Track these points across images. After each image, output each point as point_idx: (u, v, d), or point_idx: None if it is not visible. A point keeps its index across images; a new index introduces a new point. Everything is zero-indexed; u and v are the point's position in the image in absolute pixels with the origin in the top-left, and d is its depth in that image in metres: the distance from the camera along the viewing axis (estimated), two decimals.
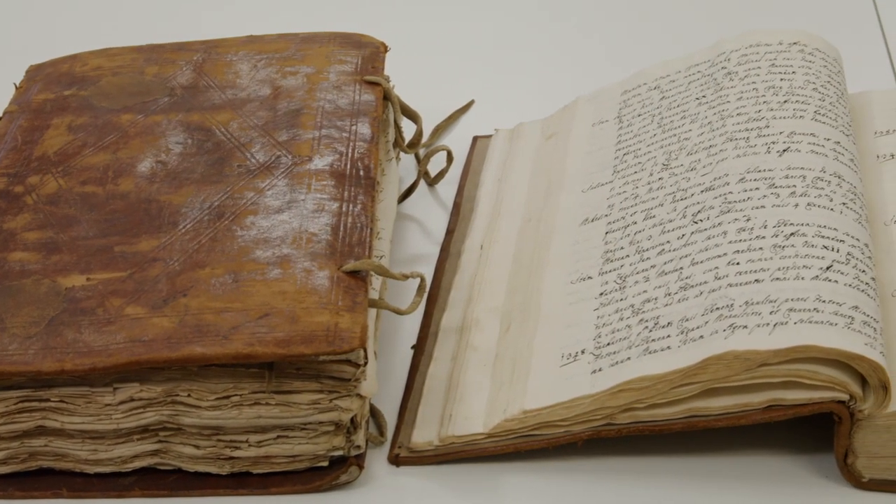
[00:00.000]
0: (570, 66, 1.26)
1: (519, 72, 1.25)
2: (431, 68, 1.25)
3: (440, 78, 1.24)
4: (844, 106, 1.00)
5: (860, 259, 0.86)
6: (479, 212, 1.05)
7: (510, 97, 1.21)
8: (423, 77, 1.22)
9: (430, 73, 1.24)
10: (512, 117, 1.14)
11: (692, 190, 0.94)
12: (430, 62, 1.26)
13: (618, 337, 0.85)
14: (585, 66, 1.25)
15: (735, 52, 1.05)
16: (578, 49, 1.29)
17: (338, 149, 0.95)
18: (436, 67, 1.26)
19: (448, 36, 1.32)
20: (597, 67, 1.24)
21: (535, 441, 0.84)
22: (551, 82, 1.23)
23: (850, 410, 0.81)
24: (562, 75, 1.24)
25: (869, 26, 1.30)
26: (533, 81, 1.24)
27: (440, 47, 1.30)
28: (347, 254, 0.86)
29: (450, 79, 1.24)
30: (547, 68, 1.26)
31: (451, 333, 0.94)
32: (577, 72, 1.24)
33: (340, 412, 0.81)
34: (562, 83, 1.19)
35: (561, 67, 1.26)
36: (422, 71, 1.23)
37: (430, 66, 1.26)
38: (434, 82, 1.23)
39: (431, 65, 1.26)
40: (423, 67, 1.24)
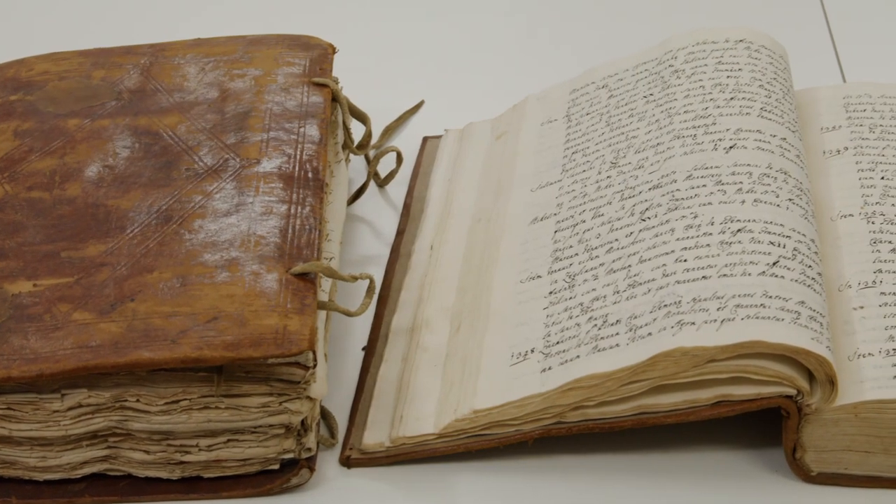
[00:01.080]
0: (519, 65, 1.26)
1: (468, 72, 1.26)
2: (381, 69, 1.25)
3: (390, 79, 1.24)
4: (790, 102, 1.01)
5: (806, 254, 0.86)
6: (429, 212, 1.05)
7: (460, 97, 1.21)
8: (373, 78, 1.22)
9: (380, 74, 1.24)
10: (462, 117, 1.15)
11: (640, 188, 0.94)
12: (379, 63, 1.26)
13: (567, 335, 0.85)
14: (535, 66, 1.26)
15: (682, 50, 1.06)
16: (528, 48, 1.30)
17: (286, 151, 0.95)
18: (385, 68, 1.26)
19: (397, 37, 1.32)
20: (546, 66, 1.24)
21: (485, 440, 0.85)
22: (501, 82, 1.23)
23: (798, 405, 0.81)
24: (511, 75, 1.24)
25: (815, 23, 1.31)
26: (482, 81, 1.24)
27: (390, 48, 1.30)
28: (296, 256, 0.86)
29: (400, 79, 1.24)
30: (496, 68, 1.26)
31: (401, 334, 0.94)
32: (526, 71, 1.24)
33: (290, 415, 0.81)
34: (511, 82, 1.19)
35: (510, 67, 1.26)
36: (371, 72, 1.23)
37: (379, 67, 1.26)
38: (384, 83, 1.22)
39: (381, 66, 1.26)
40: (372, 68, 1.24)
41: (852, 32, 1.30)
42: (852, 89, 1.06)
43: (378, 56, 1.28)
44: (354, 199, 1.07)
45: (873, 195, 0.95)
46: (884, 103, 1.04)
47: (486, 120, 1.13)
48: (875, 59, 1.25)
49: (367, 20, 1.35)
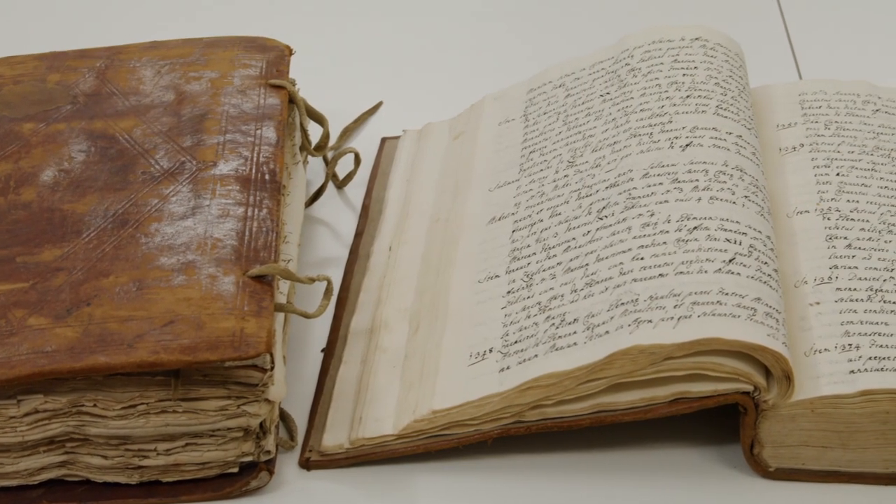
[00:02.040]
0: (477, 65, 1.27)
1: (426, 72, 1.26)
2: (339, 70, 1.25)
3: (348, 80, 1.24)
4: (746, 100, 1.01)
5: (762, 251, 0.87)
6: (387, 213, 1.05)
7: (418, 98, 1.21)
8: (331, 79, 1.22)
9: (338, 75, 1.24)
10: (420, 118, 1.15)
11: (597, 186, 0.94)
12: (337, 64, 1.26)
13: (525, 335, 0.86)
14: (492, 65, 1.26)
15: (638, 48, 1.06)
16: (485, 48, 1.30)
17: (243, 153, 0.95)
18: (343, 69, 1.26)
19: (355, 38, 1.31)
20: (503, 66, 1.24)
21: (445, 441, 0.85)
22: (459, 82, 1.23)
23: (755, 401, 0.82)
24: (469, 75, 1.24)
25: (772, 20, 1.32)
26: (440, 82, 1.24)
27: (348, 49, 1.29)
28: (253, 258, 0.86)
29: (358, 81, 1.24)
30: (454, 68, 1.26)
31: (360, 336, 0.94)
32: (484, 71, 1.24)
33: (249, 418, 0.81)
34: (469, 82, 1.19)
35: (468, 67, 1.26)
36: (329, 73, 1.23)
37: (337, 68, 1.26)
38: (342, 84, 1.22)
39: (339, 67, 1.26)
40: (330, 70, 1.24)
41: (808, 29, 1.30)
42: (808, 86, 1.07)
43: (336, 57, 1.27)
44: (313, 200, 1.07)
45: (829, 191, 0.95)
46: (839, 100, 1.04)
47: (444, 120, 1.13)
48: (831, 56, 1.26)
49: (325, 21, 1.35)
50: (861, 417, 0.82)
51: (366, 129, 1.18)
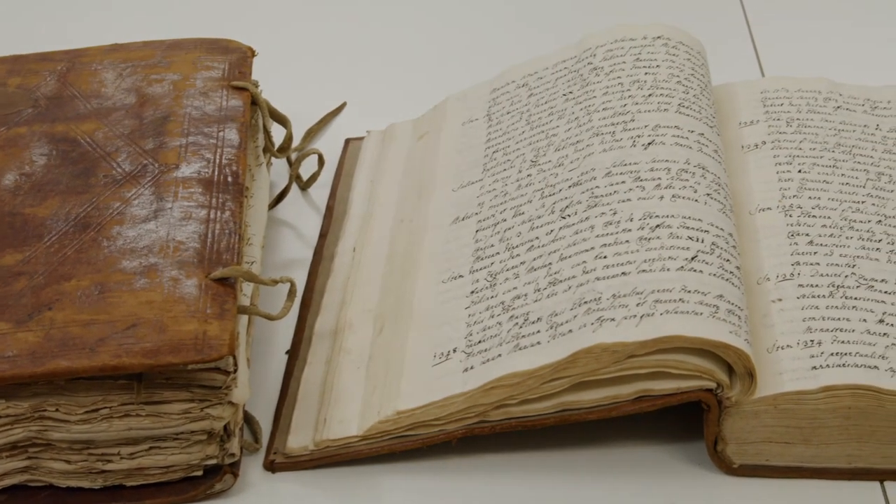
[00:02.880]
0: (440, 65, 1.26)
1: (390, 73, 1.25)
2: (303, 72, 1.25)
3: (312, 81, 1.24)
4: (708, 98, 1.01)
5: (724, 248, 0.87)
6: (351, 214, 1.05)
7: (382, 98, 1.21)
8: (295, 81, 1.22)
9: (302, 76, 1.24)
10: (384, 118, 1.14)
11: (560, 185, 0.94)
12: (301, 66, 1.26)
13: (489, 334, 0.86)
14: (456, 65, 1.26)
15: (601, 47, 1.06)
16: (449, 48, 1.30)
17: (205, 156, 0.94)
18: (307, 71, 1.25)
19: (318, 39, 1.31)
20: (467, 66, 1.24)
21: (409, 441, 0.85)
22: (422, 82, 1.23)
23: (718, 398, 0.82)
24: (433, 75, 1.24)
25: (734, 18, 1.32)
26: (404, 82, 1.24)
27: (311, 50, 1.29)
28: (216, 261, 0.86)
29: (321, 82, 1.24)
30: (418, 68, 1.26)
31: (324, 337, 0.94)
32: (447, 71, 1.24)
33: (212, 420, 0.81)
34: (433, 82, 1.19)
35: (432, 67, 1.26)
36: (293, 75, 1.23)
37: (301, 69, 1.25)
38: (305, 86, 1.22)
39: (303, 68, 1.26)
40: (294, 71, 1.24)
41: (770, 27, 1.31)
42: (770, 84, 1.07)
43: (299, 59, 1.27)
44: (276, 202, 1.07)
45: (791, 188, 0.96)
46: (801, 97, 1.05)
47: (407, 120, 1.13)
48: (793, 54, 1.26)
49: (288, 23, 1.34)
50: (823, 413, 0.82)
51: (330, 131, 1.17)
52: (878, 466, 0.84)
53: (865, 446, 0.83)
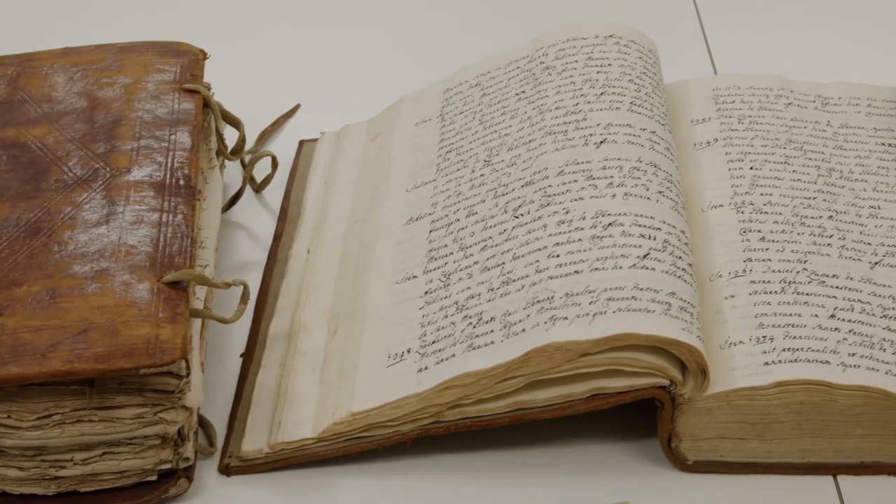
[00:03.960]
0: (394, 65, 1.26)
1: (344, 74, 1.25)
2: (256, 73, 1.25)
3: (265, 83, 1.23)
4: (660, 96, 1.02)
5: (677, 246, 0.87)
6: (305, 216, 1.04)
7: (336, 100, 1.20)
8: (248, 83, 1.21)
9: (256, 78, 1.24)
10: (338, 120, 1.14)
11: (513, 185, 0.94)
12: (254, 67, 1.26)
13: (443, 335, 0.86)
14: (409, 66, 1.26)
15: (553, 46, 1.06)
16: (402, 49, 1.29)
17: (157, 159, 0.94)
18: (260, 72, 1.25)
19: (271, 41, 1.31)
20: (420, 66, 1.24)
21: (364, 442, 0.84)
22: (376, 83, 1.23)
23: (672, 395, 0.82)
24: (386, 75, 1.24)
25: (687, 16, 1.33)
26: (358, 83, 1.24)
27: (264, 52, 1.29)
28: (168, 265, 0.85)
29: (275, 84, 1.23)
30: (372, 69, 1.26)
31: (279, 339, 0.93)
32: (401, 71, 1.24)
33: (166, 425, 0.81)
34: (387, 83, 1.19)
35: (385, 67, 1.26)
36: (247, 76, 1.22)
37: (254, 71, 1.25)
38: (259, 87, 1.22)
39: (256, 70, 1.25)
40: (247, 73, 1.23)
41: (723, 25, 1.31)
42: (721, 81, 1.08)
43: (253, 60, 1.27)
44: (230, 205, 1.07)
45: (742, 185, 0.96)
46: (752, 94, 1.05)
47: (361, 122, 1.13)
48: (746, 51, 1.27)
49: (240, 24, 1.34)
50: (776, 408, 0.83)
51: (284, 132, 1.17)
52: (830, 461, 0.84)
53: (818, 441, 0.84)
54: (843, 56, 1.25)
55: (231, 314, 0.88)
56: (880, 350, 0.84)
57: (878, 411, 0.82)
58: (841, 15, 1.33)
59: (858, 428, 0.83)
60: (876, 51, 1.25)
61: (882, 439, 0.83)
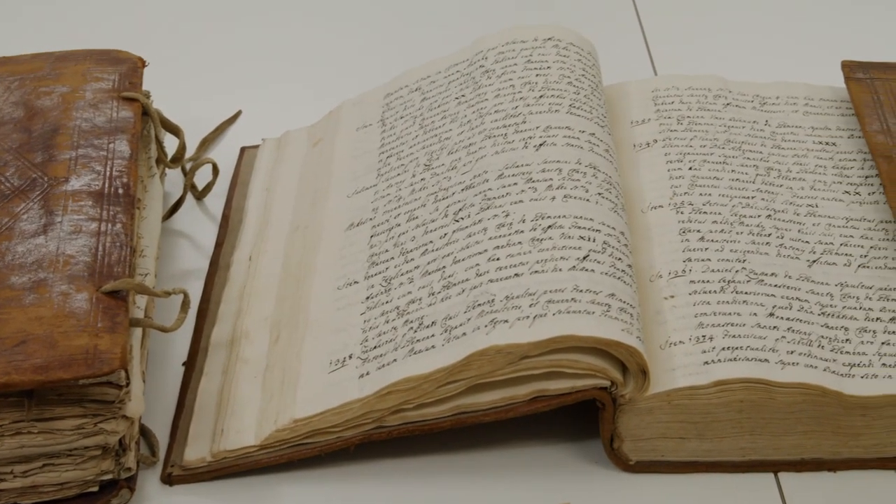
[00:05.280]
0: (335, 71, 1.26)
1: (285, 80, 1.25)
2: (197, 80, 1.24)
3: (206, 90, 1.23)
4: (599, 98, 1.02)
5: (616, 247, 0.88)
6: (247, 222, 1.04)
7: (277, 106, 1.20)
8: (189, 90, 1.20)
9: (196, 85, 1.23)
10: (280, 126, 1.14)
11: (453, 189, 0.95)
12: (195, 74, 1.25)
13: (384, 340, 0.86)
14: (350, 71, 1.25)
15: (492, 50, 1.06)
16: (342, 54, 1.29)
17: (95, 168, 0.93)
18: (201, 79, 1.24)
19: (211, 47, 1.30)
20: (361, 71, 1.24)
21: (307, 449, 0.84)
22: (317, 88, 1.22)
23: (613, 396, 0.83)
24: (327, 81, 1.24)
25: (627, 18, 1.33)
26: (299, 89, 1.23)
27: (204, 59, 1.28)
28: (107, 274, 0.85)
29: (216, 90, 1.23)
30: (312, 74, 1.26)
31: (221, 347, 0.93)
32: (342, 77, 1.24)
33: (107, 435, 0.80)
34: (328, 89, 1.19)
35: (326, 73, 1.26)
36: (187, 84, 1.22)
37: (195, 78, 1.24)
38: (200, 94, 1.21)
39: (197, 77, 1.25)
40: (188, 80, 1.23)
41: (663, 26, 1.32)
42: (661, 83, 1.08)
43: (193, 67, 1.26)
44: (172, 213, 1.06)
45: (682, 186, 0.97)
46: (691, 95, 1.06)
47: (302, 127, 1.12)
48: (685, 52, 1.28)
49: (179, 31, 1.33)
50: (716, 407, 0.83)
51: (225, 139, 1.17)
52: (771, 458, 0.85)
53: (759, 439, 0.84)
54: (780, 56, 1.26)
55: (171, 323, 0.88)
56: (818, 347, 0.85)
57: (816, 408, 0.83)
58: (778, 15, 1.34)
59: (798, 425, 0.84)
60: (813, 50, 1.26)
61: (821, 436, 0.84)
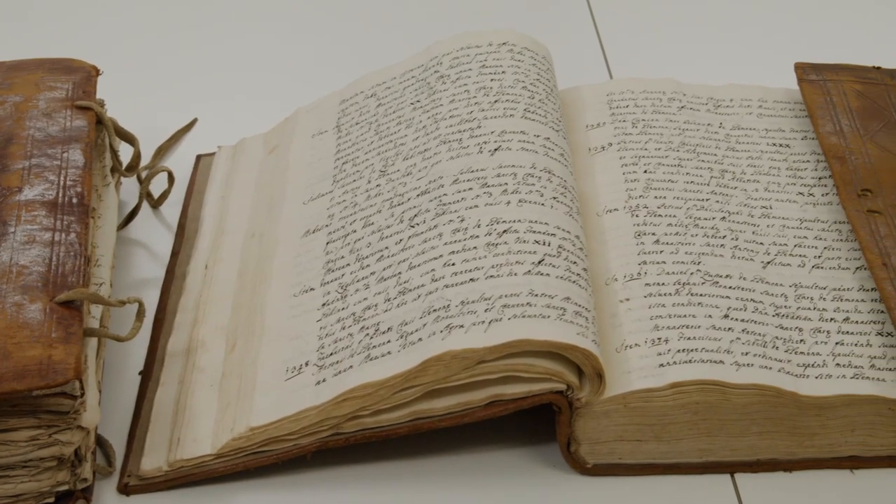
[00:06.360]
0: (290, 77, 1.26)
1: (241, 87, 1.24)
2: (152, 89, 1.23)
3: (162, 98, 1.22)
4: (554, 102, 1.02)
5: (571, 251, 0.88)
6: (203, 231, 1.04)
7: (233, 113, 1.20)
8: (144, 98, 1.20)
9: (151, 93, 1.22)
10: (236, 133, 1.14)
11: (409, 194, 0.95)
12: (150, 82, 1.24)
13: (340, 346, 0.86)
14: (306, 77, 1.25)
15: (447, 55, 1.07)
16: (298, 60, 1.29)
17: (49, 178, 0.93)
18: (157, 88, 1.24)
19: (166, 55, 1.30)
20: (317, 78, 1.23)
21: (264, 457, 0.84)
22: (273, 95, 1.22)
23: (569, 400, 0.83)
24: (283, 88, 1.23)
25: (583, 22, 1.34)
26: (255, 95, 1.23)
27: (160, 67, 1.28)
28: (61, 284, 0.84)
29: (172, 98, 1.22)
30: (268, 81, 1.25)
31: (177, 356, 0.93)
32: (297, 83, 1.24)
33: (62, 446, 0.80)
34: (284, 95, 1.18)
35: (282, 80, 1.25)
36: (142, 92, 1.21)
37: (150, 86, 1.24)
38: (155, 103, 1.20)
39: (152, 85, 1.24)
40: (143, 88, 1.22)
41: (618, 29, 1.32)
42: (616, 86, 1.09)
43: (148, 76, 1.25)
44: (127, 221, 1.06)
45: (637, 189, 0.97)
46: (646, 98, 1.06)
47: (258, 135, 1.12)
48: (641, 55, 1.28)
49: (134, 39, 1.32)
50: (672, 409, 0.83)
51: (181, 147, 1.16)
52: (727, 459, 0.85)
53: (715, 440, 0.85)
54: (735, 58, 1.26)
55: (127, 332, 0.87)
56: (773, 348, 0.85)
57: (771, 409, 0.84)
58: (732, 18, 1.34)
59: (753, 426, 0.84)
60: (767, 52, 1.26)
61: (777, 436, 0.84)
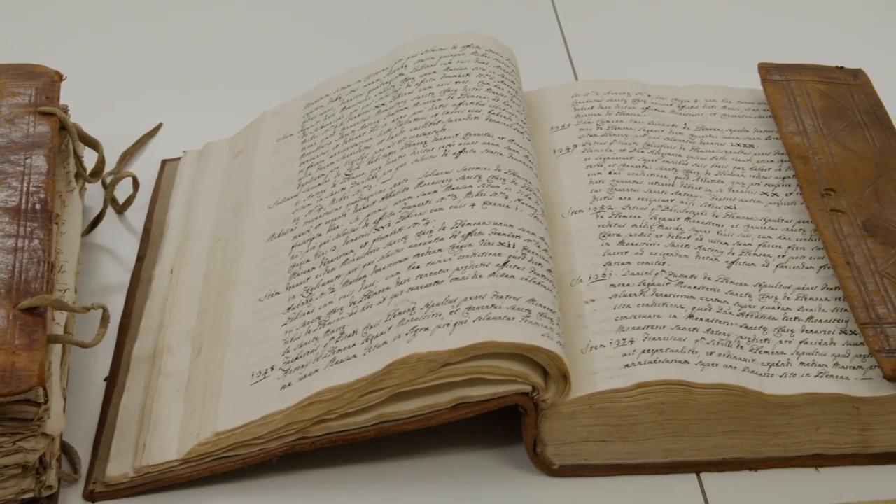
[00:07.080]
0: (255, 81, 1.26)
1: (205, 91, 1.24)
2: (116, 94, 1.23)
3: (126, 103, 1.21)
4: (519, 104, 1.02)
5: (536, 253, 0.88)
6: (169, 235, 1.03)
7: (198, 117, 1.19)
8: (108, 103, 1.19)
9: (116, 98, 1.22)
10: (201, 137, 1.13)
11: (374, 198, 0.95)
12: (114, 88, 1.24)
13: (306, 350, 0.86)
14: (271, 81, 1.25)
15: (412, 58, 1.07)
16: (263, 64, 1.29)
17: (11, 184, 0.93)
18: (121, 93, 1.23)
19: (130, 60, 1.29)
20: (282, 81, 1.23)
21: (230, 462, 0.84)
22: (238, 99, 1.21)
23: (535, 401, 0.83)
24: (248, 91, 1.23)
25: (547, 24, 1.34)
26: (220, 100, 1.23)
27: (124, 72, 1.27)
28: (24, 291, 0.84)
29: (136, 103, 1.22)
30: (233, 85, 1.25)
31: (143, 362, 0.92)
32: (262, 87, 1.23)
33: (26, 453, 0.79)
34: (249, 99, 1.18)
35: (247, 84, 1.25)
36: (106, 97, 1.21)
37: (114, 91, 1.23)
38: (120, 108, 1.20)
39: (116, 90, 1.23)
40: (107, 93, 1.22)
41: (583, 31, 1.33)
42: (580, 87, 1.09)
43: (112, 81, 1.25)
44: (92, 227, 1.05)
45: (602, 190, 0.97)
46: (610, 99, 1.07)
47: (224, 139, 1.12)
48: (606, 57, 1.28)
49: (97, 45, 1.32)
50: (638, 410, 0.84)
51: (146, 152, 1.16)
52: (693, 459, 0.86)
53: (681, 440, 0.85)
54: (699, 59, 1.27)
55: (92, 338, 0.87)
56: (737, 348, 0.85)
57: (736, 408, 0.84)
58: (696, 19, 1.35)
59: (719, 425, 0.84)
60: (730, 53, 1.27)
61: (742, 435, 0.85)
